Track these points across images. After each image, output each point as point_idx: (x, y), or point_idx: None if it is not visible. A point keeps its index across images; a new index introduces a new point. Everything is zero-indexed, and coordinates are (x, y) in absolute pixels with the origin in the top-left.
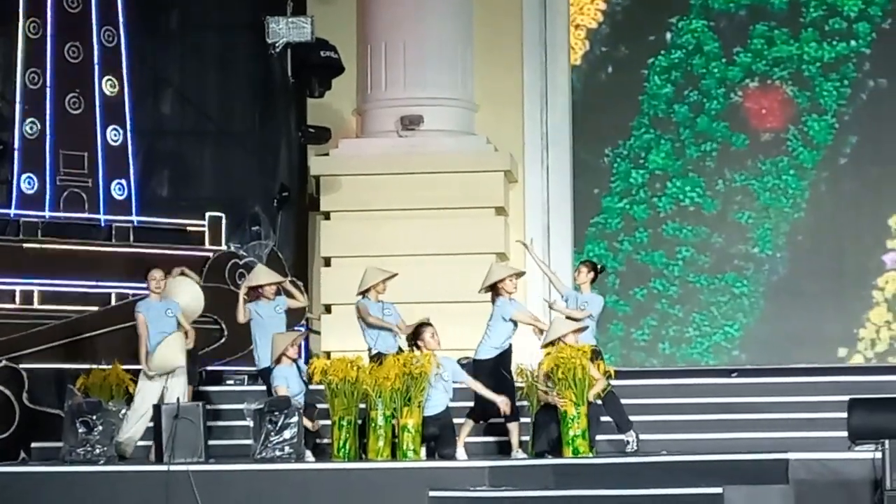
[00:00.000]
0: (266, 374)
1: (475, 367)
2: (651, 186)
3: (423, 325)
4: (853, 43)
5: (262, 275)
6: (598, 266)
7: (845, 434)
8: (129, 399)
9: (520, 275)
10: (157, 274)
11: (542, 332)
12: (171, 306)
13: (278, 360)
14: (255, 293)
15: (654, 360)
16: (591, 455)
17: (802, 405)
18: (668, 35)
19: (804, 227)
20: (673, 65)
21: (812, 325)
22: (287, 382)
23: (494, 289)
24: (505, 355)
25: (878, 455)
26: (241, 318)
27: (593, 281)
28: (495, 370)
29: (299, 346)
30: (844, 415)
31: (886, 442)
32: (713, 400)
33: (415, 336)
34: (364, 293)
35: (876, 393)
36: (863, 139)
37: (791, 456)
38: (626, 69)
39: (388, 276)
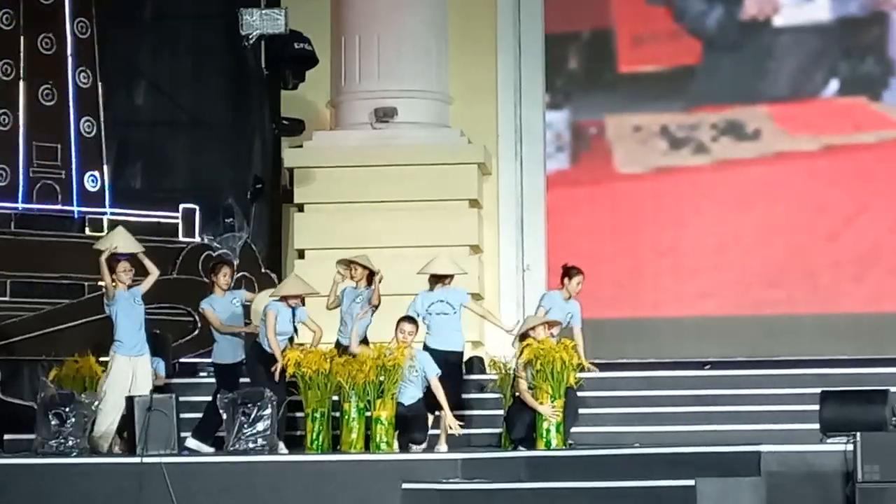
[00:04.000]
0: (221, 369)
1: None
2: None
3: (406, 319)
4: None
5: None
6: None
7: (817, 426)
8: None
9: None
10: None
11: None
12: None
13: (280, 299)
14: (212, 281)
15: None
16: (563, 447)
17: (774, 397)
18: None
19: None
20: None
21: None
22: (278, 315)
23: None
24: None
25: (850, 447)
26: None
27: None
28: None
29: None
30: (816, 407)
31: (858, 434)
32: (686, 392)
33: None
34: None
35: (848, 385)
36: None
37: (763, 448)
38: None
39: (306, 293)
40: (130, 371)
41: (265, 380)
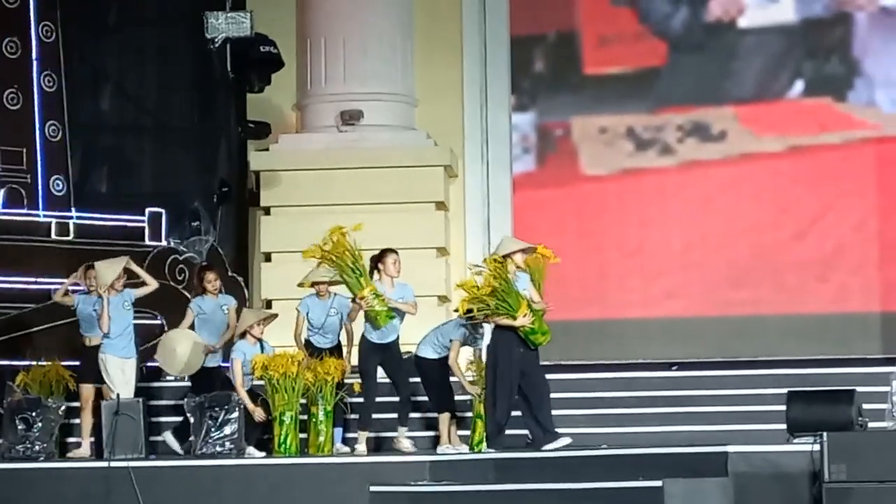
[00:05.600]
0: (203, 371)
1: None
2: None
3: (388, 251)
4: None
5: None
6: None
7: (784, 427)
8: (69, 396)
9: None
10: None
11: None
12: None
13: (242, 335)
14: (200, 287)
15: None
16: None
17: (741, 398)
18: None
19: None
20: None
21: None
22: (244, 357)
23: None
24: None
25: (817, 447)
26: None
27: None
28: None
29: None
30: (783, 407)
31: (824, 434)
32: (653, 393)
33: (378, 260)
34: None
35: (814, 386)
36: None
37: (730, 449)
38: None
39: (266, 318)
40: (121, 370)
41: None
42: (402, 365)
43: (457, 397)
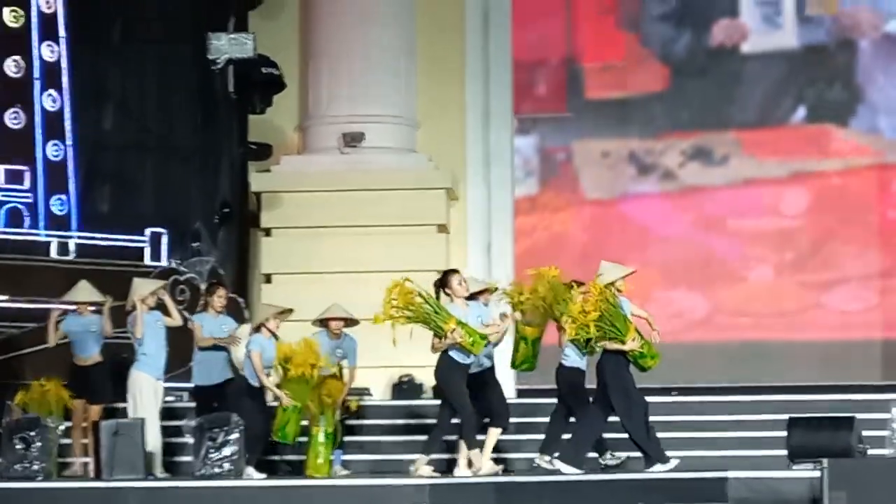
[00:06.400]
0: (201, 391)
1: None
2: None
3: (452, 272)
4: None
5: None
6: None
7: (784, 453)
8: (68, 416)
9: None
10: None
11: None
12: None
13: (258, 329)
14: (206, 302)
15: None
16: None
17: (742, 424)
18: None
19: None
20: None
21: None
22: (262, 350)
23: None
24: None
25: (817, 474)
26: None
27: None
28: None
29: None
30: (784, 434)
31: (825, 461)
32: (653, 418)
33: (442, 284)
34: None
35: (815, 412)
36: None
37: (731, 474)
38: None
39: (282, 312)
40: (154, 391)
41: (250, 413)
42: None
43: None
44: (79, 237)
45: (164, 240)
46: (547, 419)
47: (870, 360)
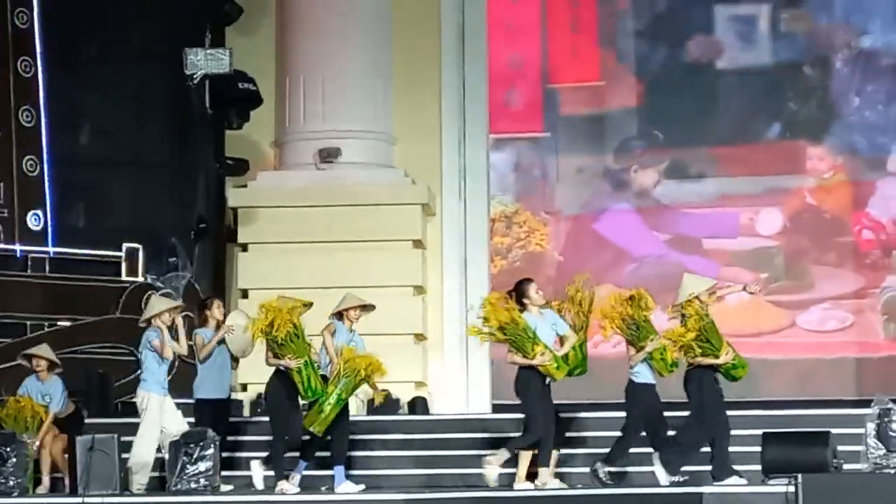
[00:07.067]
0: (204, 405)
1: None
2: None
3: (527, 280)
4: None
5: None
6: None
7: (759, 467)
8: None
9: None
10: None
11: None
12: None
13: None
14: (202, 317)
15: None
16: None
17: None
18: None
19: None
20: None
21: None
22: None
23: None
24: None
25: (791, 489)
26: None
27: None
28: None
29: None
30: (758, 448)
31: (799, 476)
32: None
33: (519, 294)
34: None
35: (789, 427)
36: None
37: (706, 489)
38: None
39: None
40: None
41: (286, 416)
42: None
43: None
44: (54, 252)
45: (140, 255)
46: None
47: (844, 377)
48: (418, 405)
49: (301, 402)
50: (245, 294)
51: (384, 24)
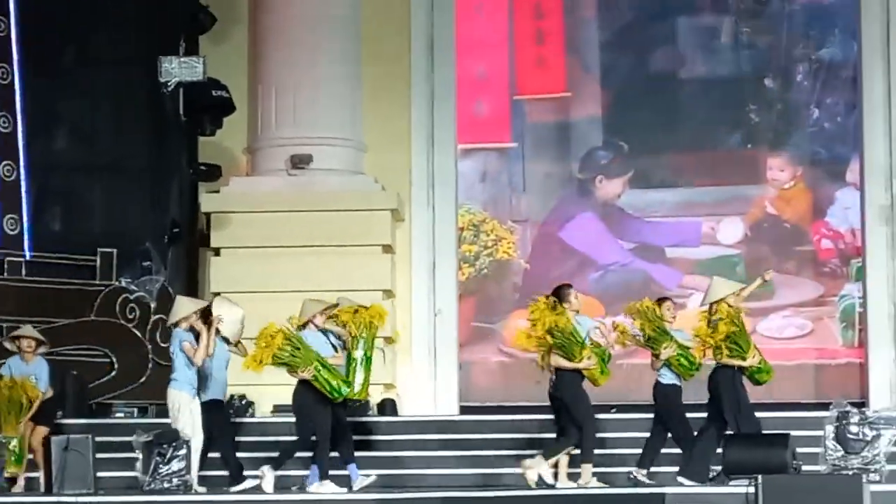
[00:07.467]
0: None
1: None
2: None
3: (566, 286)
4: None
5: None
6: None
7: (720, 468)
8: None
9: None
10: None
11: None
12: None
13: (304, 325)
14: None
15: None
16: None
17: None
18: None
19: None
20: None
21: None
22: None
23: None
24: None
25: (752, 490)
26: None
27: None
28: None
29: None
30: (719, 450)
31: (759, 477)
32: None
33: (559, 299)
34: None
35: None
36: None
37: (668, 490)
38: None
39: (328, 308)
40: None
41: (315, 418)
42: None
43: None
44: (31, 256)
45: (115, 259)
46: (492, 435)
47: (804, 382)
48: (387, 407)
49: (335, 398)
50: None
51: (355, 35)
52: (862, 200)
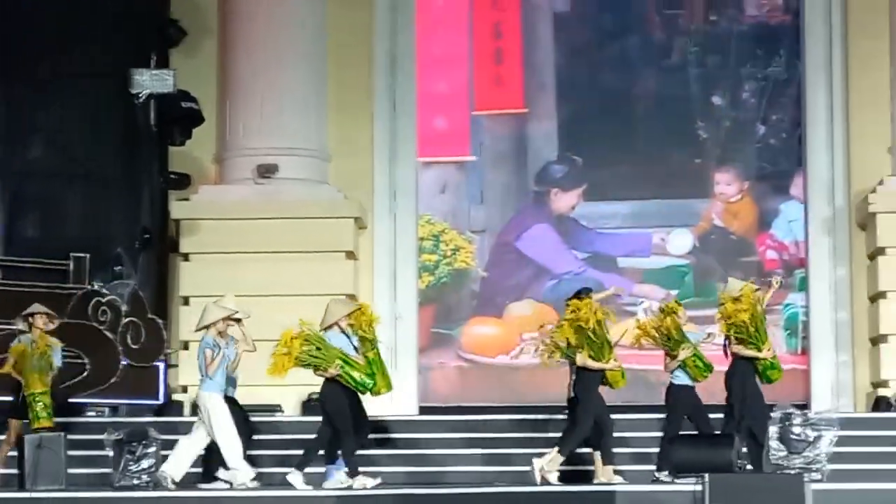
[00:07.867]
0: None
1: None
2: None
3: (585, 290)
4: None
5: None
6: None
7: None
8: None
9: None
10: None
11: None
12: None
13: (329, 328)
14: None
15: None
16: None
17: (629, 440)
18: None
19: None
20: None
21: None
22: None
23: None
24: None
25: (699, 488)
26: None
27: None
28: None
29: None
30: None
31: (706, 476)
32: (542, 435)
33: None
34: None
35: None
36: None
37: (618, 487)
38: None
39: (354, 310)
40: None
41: (349, 414)
42: None
43: None
44: (5, 261)
45: (87, 263)
46: (448, 434)
47: None
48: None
49: (362, 391)
50: (186, 301)
51: (320, 49)
52: (805, 213)
